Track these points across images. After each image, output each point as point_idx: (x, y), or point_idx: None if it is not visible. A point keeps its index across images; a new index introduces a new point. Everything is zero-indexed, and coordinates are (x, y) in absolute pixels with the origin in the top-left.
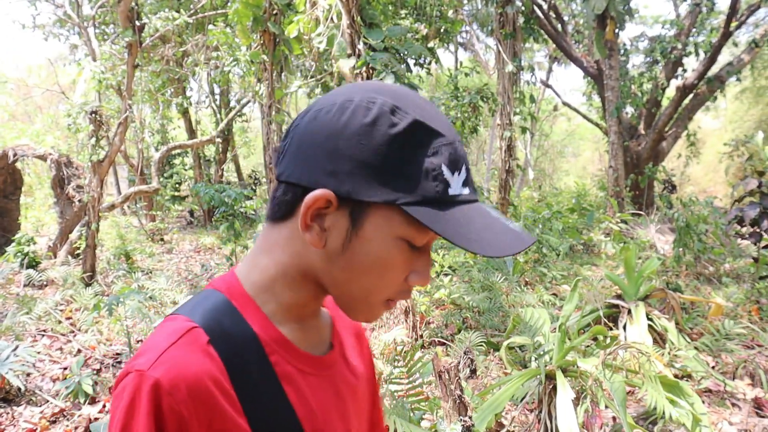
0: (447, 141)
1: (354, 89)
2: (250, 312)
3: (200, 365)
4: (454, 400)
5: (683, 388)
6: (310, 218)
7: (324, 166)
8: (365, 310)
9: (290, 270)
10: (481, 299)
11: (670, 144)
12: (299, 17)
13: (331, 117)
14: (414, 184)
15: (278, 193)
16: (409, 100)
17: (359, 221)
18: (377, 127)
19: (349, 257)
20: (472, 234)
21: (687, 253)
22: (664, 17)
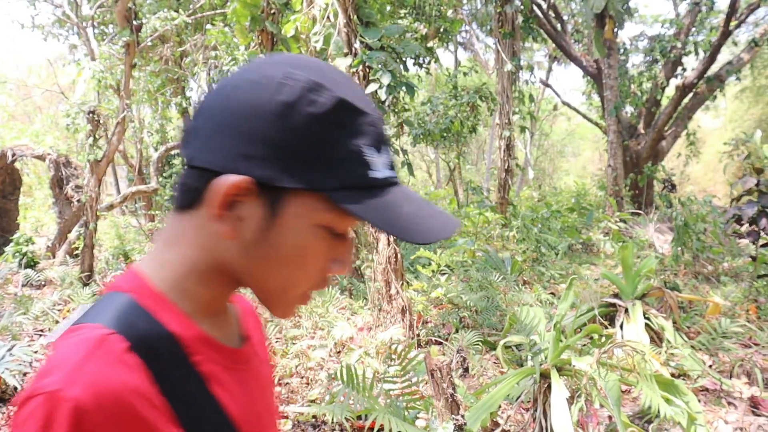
0: (370, 120)
1: (271, 64)
2: (165, 311)
3: (122, 379)
4: (446, 398)
5: (679, 386)
6: (222, 207)
7: (238, 150)
8: (284, 304)
9: (200, 265)
10: (479, 298)
11: (670, 143)
12: (296, 16)
13: (247, 95)
14: (337, 167)
15: (187, 179)
16: (331, 77)
17: (277, 209)
18: (297, 106)
19: (267, 248)
20: (401, 220)
21: (686, 252)
22: (663, 16)
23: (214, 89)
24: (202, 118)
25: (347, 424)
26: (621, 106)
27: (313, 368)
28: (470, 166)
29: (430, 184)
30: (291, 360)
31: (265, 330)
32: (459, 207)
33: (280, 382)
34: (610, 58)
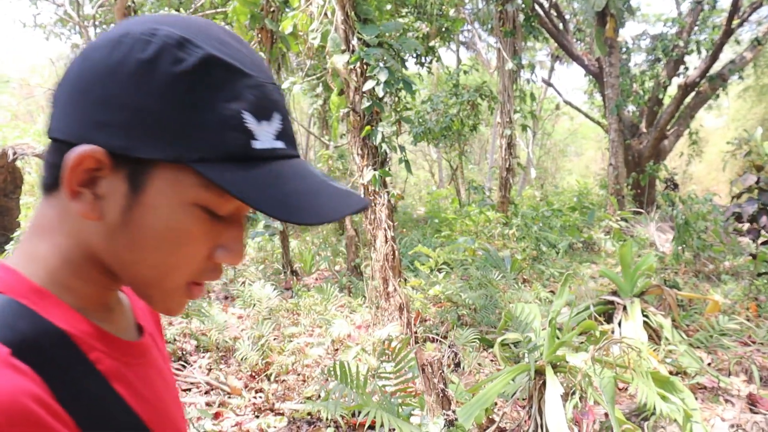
0: (253, 82)
1: (135, 21)
2: (50, 307)
3: (12, 383)
4: (437, 393)
5: (675, 383)
6: (78, 183)
7: (93, 117)
8: (164, 298)
9: (72, 254)
10: (478, 296)
11: (672, 142)
12: (294, 13)
13: (103, 55)
14: (207, 135)
15: (48, 155)
16: (206, 33)
17: (140, 185)
18: (158, 64)
19: (132, 230)
20: (284, 197)
21: (686, 251)
22: (666, 15)
23: (77, 54)
24: (61, 85)
25: (342, 421)
26: (622, 104)
27: (309, 365)
28: (473, 166)
29: (433, 183)
30: (287, 357)
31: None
32: (461, 206)
33: (276, 379)
34: (612, 56)
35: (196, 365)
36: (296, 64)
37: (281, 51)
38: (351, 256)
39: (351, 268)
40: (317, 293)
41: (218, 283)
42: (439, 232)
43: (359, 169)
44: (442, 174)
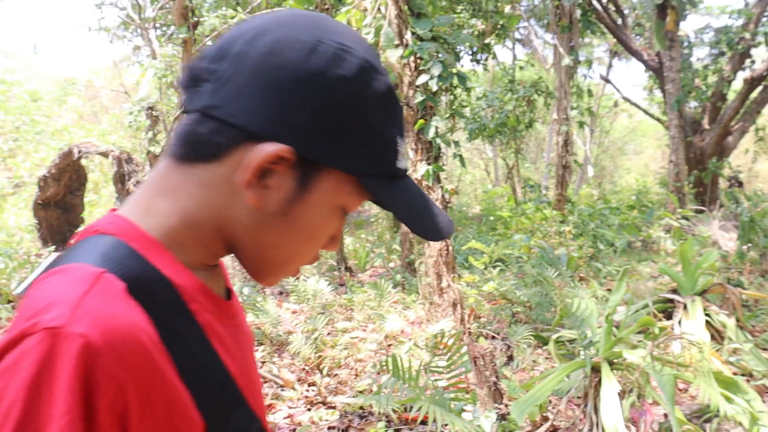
0: (400, 108)
1: (310, 24)
2: (157, 255)
3: (129, 316)
4: (489, 386)
5: (740, 384)
6: (257, 174)
7: (285, 117)
8: (277, 275)
9: (199, 223)
10: (533, 294)
11: (737, 139)
12: (347, 9)
13: (299, 58)
14: (376, 153)
15: (202, 129)
16: (373, 53)
17: (308, 184)
18: (356, 85)
19: (286, 221)
20: (419, 215)
21: (752, 250)
22: (730, 7)
23: (244, 36)
24: (229, 64)
25: (394, 415)
26: (683, 99)
27: (362, 360)
28: (529, 165)
29: (488, 182)
30: (340, 351)
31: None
32: (516, 204)
33: (329, 373)
34: (672, 50)
35: None
36: None
37: None
38: (405, 252)
39: (405, 264)
40: (371, 289)
41: None
42: (494, 230)
43: (413, 163)
44: (498, 172)
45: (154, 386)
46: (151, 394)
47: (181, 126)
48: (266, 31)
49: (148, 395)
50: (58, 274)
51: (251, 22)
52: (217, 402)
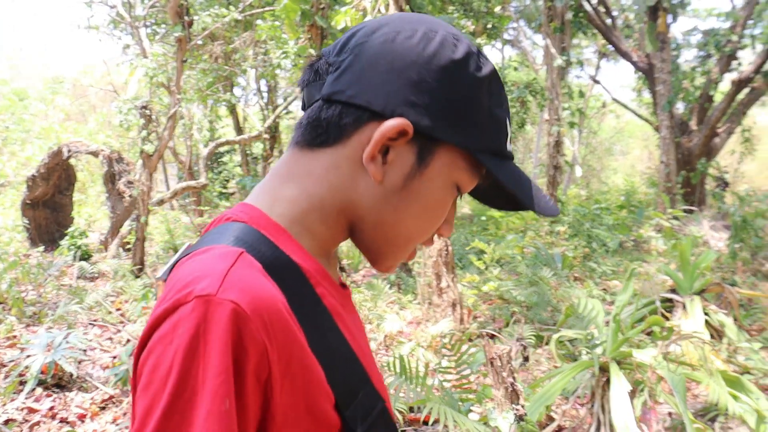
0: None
1: (422, 19)
2: (285, 242)
3: (272, 290)
4: (506, 387)
5: (745, 383)
6: (379, 149)
7: (405, 95)
8: (396, 257)
9: (327, 204)
10: (529, 294)
11: (724, 140)
12: (346, 8)
13: (415, 44)
14: (487, 131)
15: (326, 115)
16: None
17: (426, 159)
18: (467, 66)
19: (406, 196)
20: (527, 190)
21: (743, 250)
22: (717, 10)
23: (366, 30)
24: (348, 54)
25: (400, 417)
26: (674, 100)
27: None
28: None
29: None
30: None
31: None
32: None
33: None
34: (663, 51)
35: None
36: None
37: None
38: None
39: (400, 264)
40: (367, 289)
41: None
42: (486, 230)
43: None
44: None
45: (293, 355)
46: (291, 362)
47: (303, 117)
48: (381, 25)
49: (288, 363)
50: (202, 253)
51: (366, 22)
52: (344, 379)
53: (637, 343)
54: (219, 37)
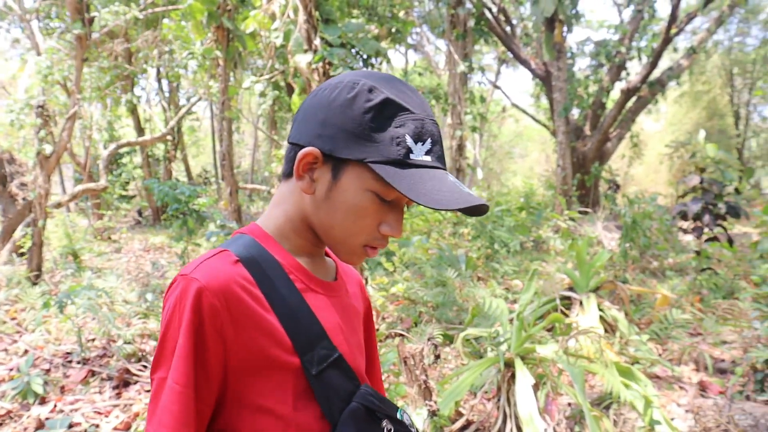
0: (415, 117)
1: (348, 75)
2: (272, 246)
3: (229, 272)
4: (419, 385)
5: (635, 373)
6: (302, 170)
7: (315, 130)
8: (347, 251)
9: (294, 217)
10: (435, 294)
11: (615, 145)
12: (255, 12)
13: (326, 93)
14: (380, 147)
15: (287, 154)
16: (389, 84)
17: (338, 174)
18: (356, 101)
19: (330, 204)
20: (422, 189)
21: (633, 249)
22: (608, 22)
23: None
24: (299, 112)
25: None
26: (569, 107)
27: None
28: None
29: None
30: None
31: None
32: (408, 207)
33: None
34: (560, 60)
35: None
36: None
37: (237, 50)
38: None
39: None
40: None
41: None
42: None
43: None
44: None
45: (243, 313)
46: (240, 318)
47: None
48: (322, 85)
49: (238, 318)
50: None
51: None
52: (304, 332)
53: (539, 339)
54: (119, 34)
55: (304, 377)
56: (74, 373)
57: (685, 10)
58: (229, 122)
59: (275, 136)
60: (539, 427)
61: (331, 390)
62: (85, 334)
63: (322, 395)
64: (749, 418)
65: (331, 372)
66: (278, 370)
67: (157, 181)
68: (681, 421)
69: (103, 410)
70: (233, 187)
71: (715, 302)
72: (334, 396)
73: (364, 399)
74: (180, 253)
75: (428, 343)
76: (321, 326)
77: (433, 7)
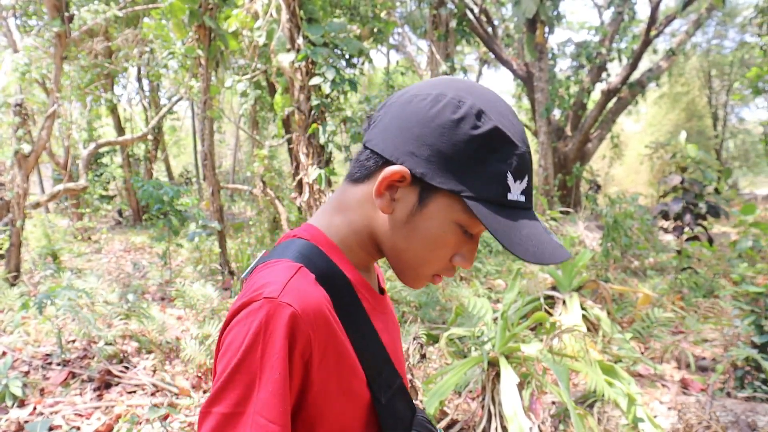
0: (518, 151)
1: (449, 84)
2: (337, 257)
3: (319, 295)
4: None
5: (618, 371)
6: (385, 187)
7: (407, 147)
8: (413, 277)
9: (360, 230)
10: (418, 294)
11: (596, 145)
12: (238, 11)
13: (424, 105)
14: (479, 182)
15: (362, 157)
16: (495, 106)
17: (425, 200)
18: (461, 125)
19: (410, 229)
20: (516, 237)
21: (614, 248)
22: (589, 23)
23: (400, 92)
24: (384, 111)
25: None
26: (551, 108)
27: None
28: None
29: None
30: None
31: None
32: None
33: None
34: (541, 61)
35: (140, 366)
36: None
37: (219, 49)
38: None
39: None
40: None
41: (154, 284)
42: None
43: (304, 167)
44: None
45: (329, 343)
46: (327, 348)
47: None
48: (409, 90)
49: (325, 348)
50: (272, 265)
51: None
52: (372, 359)
53: (523, 338)
54: (99, 33)
55: (373, 406)
56: (54, 375)
57: (664, 12)
58: (211, 122)
59: (257, 135)
60: (524, 426)
61: (396, 419)
62: (65, 336)
63: (389, 424)
64: (730, 414)
65: (397, 400)
66: (351, 399)
67: (142, 180)
68: (664, 418)
69: (84, 412)
70: (215, 187)
71: (696, 301)
72: (399, 424)
73: (422, 427)
74: (161, 254)
75: (413, 343)
76: (387, 353)
77: (415, 8)
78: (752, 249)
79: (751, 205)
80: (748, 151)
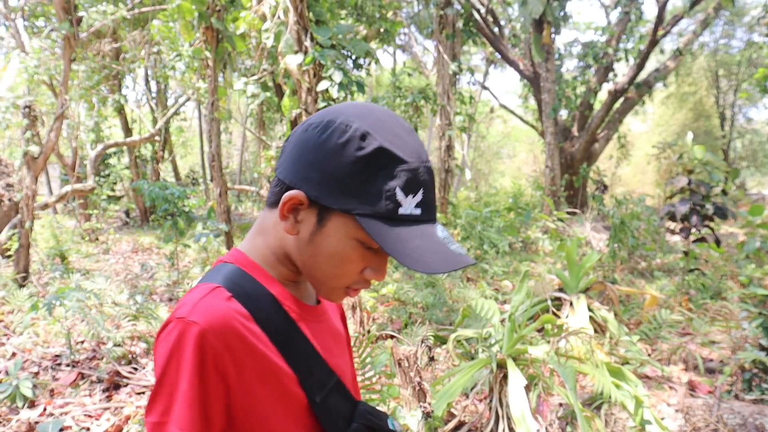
0: (408, 167)
1: (341, 110)
2: (260, 275)
3: (226, 310)
4: (414, 387)
5: (625, 373)
6: (287, 210)
7: (303, 173)
8: (327, 291)
9: (277, 250)
10: (425, 295)
11: (602, 146)
12: (246, 13)
13: (316, 133)
14: (369, 199)
15: (273, 184)
16: (384, 127)
17: (323, 220)
18: (347, 148)
19: (314, 247)
20: (406, 249)
21: (621, 249)
22: (595, 24)
23: (304, 122)
24: (289, 140)
25: None
26: (558, 108)
27: None
28: None
29: None
30: None
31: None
32: None
33: None
34: (548, 62)
35: (148, 368)
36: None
37: (227, 51)
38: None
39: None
40: None
41: (162, 285)
42: None
43: None
44: None
45: (245, 352)
46: (244, 357)
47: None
48: (312, 117)
49: (242, 357)
50: (193, 289)
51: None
52: (303, 361)
53: (531, 340)
54: (106, 34)
55: (308, 405)
56: (64, 376)
57: (671, 12)
58: (218, 123)
59: (264, 136)
60: (531, 428)
61: (334, 414)
62: (74, 337)
63: (327, 420)
64: (738, 417)
65: (333, 397)
66: (284, 402)
67: (147, 183)
68: (671, 420)
69: (94, 413)
70: (222, 188)
71: (703, 302)
72: (338, 419)
73: (364, 418)
74: (169, 255)
75: (422, 345)
76: (319, 354)
77: (422, 8)
78: (760, 250)
79: (759, 206)
80: (756, 151)
